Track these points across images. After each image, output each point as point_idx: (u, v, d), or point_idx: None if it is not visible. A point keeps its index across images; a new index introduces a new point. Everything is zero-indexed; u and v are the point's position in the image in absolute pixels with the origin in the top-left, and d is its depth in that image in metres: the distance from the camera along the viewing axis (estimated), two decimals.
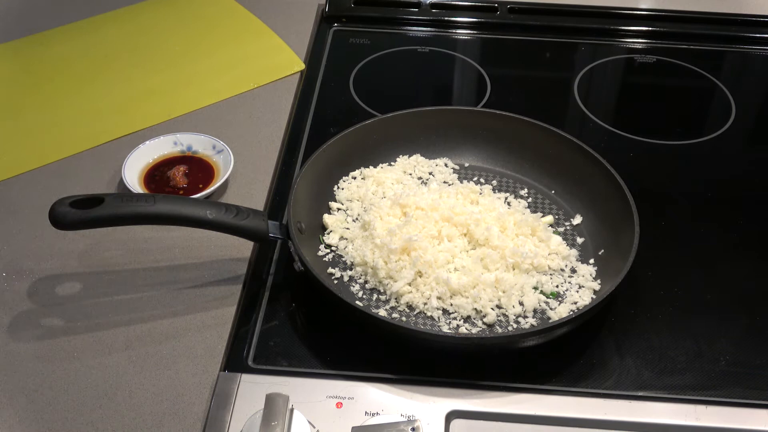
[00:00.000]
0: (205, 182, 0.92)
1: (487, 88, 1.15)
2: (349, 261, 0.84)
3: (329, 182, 0.92)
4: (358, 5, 1.31)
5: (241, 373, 0.71)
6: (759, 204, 0.97)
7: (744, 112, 1.13)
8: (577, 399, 0.71)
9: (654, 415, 0.70)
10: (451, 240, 0.83)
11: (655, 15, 1.30)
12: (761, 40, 1.27)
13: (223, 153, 0.94)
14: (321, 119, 1.08)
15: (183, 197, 0.82)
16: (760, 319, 0.81)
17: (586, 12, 1.30)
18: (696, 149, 1.06)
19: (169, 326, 0.77)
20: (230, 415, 0.68)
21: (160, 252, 0.85)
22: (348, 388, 0.70)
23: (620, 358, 0.76)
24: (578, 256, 0.85)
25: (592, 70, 1.21)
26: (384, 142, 0.96)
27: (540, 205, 0.91)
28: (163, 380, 0.72)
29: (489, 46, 1.27)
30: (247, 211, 0.78)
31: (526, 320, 0.78)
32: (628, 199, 0.84)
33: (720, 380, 0.74)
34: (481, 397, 0.71)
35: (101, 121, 1.05)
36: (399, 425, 0.65)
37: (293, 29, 1.23)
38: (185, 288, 0.81)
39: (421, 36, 1.27)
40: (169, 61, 1.17)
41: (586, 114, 1.11)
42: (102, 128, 1.03)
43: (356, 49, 1.23)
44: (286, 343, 0.76)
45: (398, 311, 0.78)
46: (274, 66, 1.16)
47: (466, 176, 0.95)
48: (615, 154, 0.92)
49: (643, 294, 0.83)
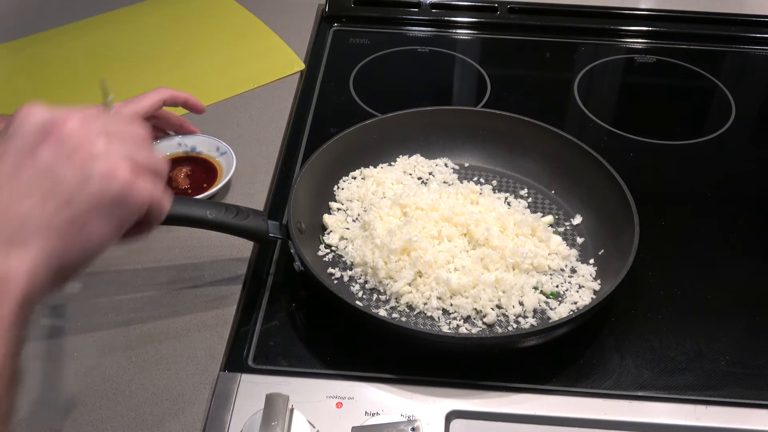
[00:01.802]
0: (209, 182, 0.92)
1: (487, 88, 1.15)
2: (349, 261, 0.84)
3: (329, 182, 0.92)
4: (358, 5, 1.31)
5: (241, 373, 0.71)
6: (759, 204, 0.97)
7: (744, 112, 1.13)
8: (577, 399, 0.71)
9: (654, 415, 0.70)
10: (451, 240, 0.83)
11: (655, 15, 1.31)
12: (761, 40, 1.27)
13: (226, 155, 0.94)
14: (321, 119, 1.08)
15: (183, 197, 0.82)
16: (760, 319, 0.81)
17: (586, 12, 1.30)
18: (696, 149, 1.06)
19: (169, 326, 0.77)
20: (230, 415, 0.68)
21: (160, 252, 0.85)
22: (348, 388, 0.70)
23: (620, 358, 0.76)
24: (578, 256, 0.85)
25: (592, 70, 1.21)
26: (384, 142, 0.96)
27: (540, 205, 0.91)
28: (163, 380, 0.72)
29: (489, 46, 1.27)
30: (247, 211, 0.78)
31: (526, 320, 0.78)
32: (628, 199, 0.84)
33: (720, 380, 0.74)
34: (481, 397, 0.71)
35: None
36: (399, 425, 0.65)
37: (293, 29, 1.23)
38: (185, 288, 0.81)
39: (421, 36, 1.27)
40: (169, 61, 1.17)
41: (586, 114, 1.11)
42: None
43: (356, 49, 1.23)
44: (286, 343, 0.76)
45: (398, 311, 0.78)
46: (274, 66, 1.16)
47: (466, 176, 0.95)
48: (615, 154, 0.92)
49: (643, 294, 0.83)
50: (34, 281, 0.49)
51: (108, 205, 0.52)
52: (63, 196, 0.50)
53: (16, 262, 0.48)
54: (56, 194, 0.50)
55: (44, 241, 0.49)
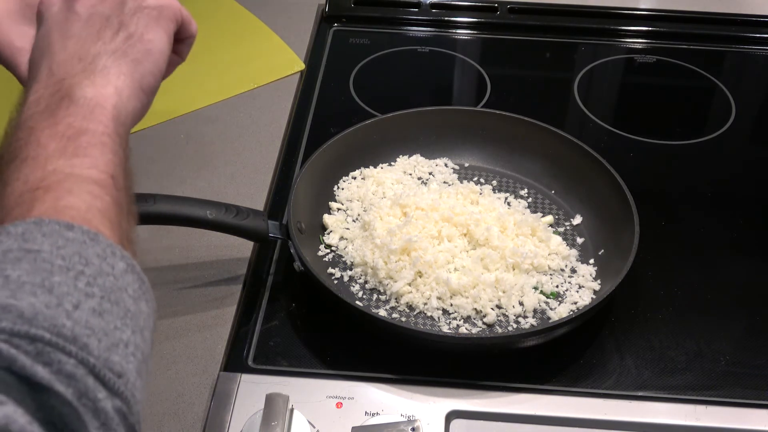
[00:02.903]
0: None
1: (487, 88, 1.15)
2: (349, 261, 0.84)
3: (329, 182, 0.92)
4: (358, 5, 1.30)
5: (241, 373, 0.71)
6: (759, 204, 0.97)
7: (744, 112, 1.13)
8: (577, 399, 0.71)
9: (654, 415, 0.70)
10: (451, 240, 0.83)
11: (655, 15, 1.30)
12: (761, 40, 1.27)
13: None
14: (321, 119, 1.07)
15: (183, 197, 0.82)
16: (760, 319, 0.81)
17: (586, 12, 1.30)
18: (696, 149, 1.06)
19: (169, 326, 0.77)
20: (230, 415, 0.68)
21: (160, 252, 0.85)
22: (348, 388, 0.70)
23: (620, 358, 0.76)
24: (578, 256, 0.85)
25: (592, 70, 1.21)
26: (384, 142, 0.96)
27: (540, 205, 0.91)
28: (163, 380, 0.72)
29: (489, 46, 1.27)
30: (247, 211, 0.78)
31: (526, 320, 0.78)
32: (628, 199, 0.84)
33: (720, 380, 0.75)
34: (481, 397, 0.71)
35: None
36: (399, 425, 0.65)
37: (293, 29, 1.23)
38: (185, 288, 0.81)
39: (421, 36, 1.27)
40: None
41: (586, 114, 1.11)
42: None
43: (356, 49, 1.23)
44: (286, 343, 0.76)
45: (398, 311, 0.78)
46: (274, 66, 1.16)
47: (466, 176, 0.95)
48: (615, 154, 0.92)
49: (643, 294, 0.83)
50: (122, 96, 0.55)
51: (150, 14, 0.60)
52: (115, 24, 0.58)
53: (101, 84, 0.55)
54: (108, 26, 0.58)
55: (117, 63, 0.57)
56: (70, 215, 0.45)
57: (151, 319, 0.47)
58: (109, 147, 0.51)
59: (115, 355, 0.40)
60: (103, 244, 0.45)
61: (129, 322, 0.43)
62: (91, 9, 0.58)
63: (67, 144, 0.50)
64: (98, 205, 0.48)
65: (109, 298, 0.42)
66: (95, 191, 0.48)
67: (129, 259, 0.46)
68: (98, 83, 0.55)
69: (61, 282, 0.41)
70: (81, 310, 0.40)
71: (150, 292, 0.47)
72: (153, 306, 0.47)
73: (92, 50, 0.57)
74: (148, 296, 0.47)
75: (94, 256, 0.43)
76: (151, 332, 0.46)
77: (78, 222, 0.45)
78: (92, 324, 0.40)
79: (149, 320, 0.46)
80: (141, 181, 0.92)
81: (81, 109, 0.52)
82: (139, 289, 0.46)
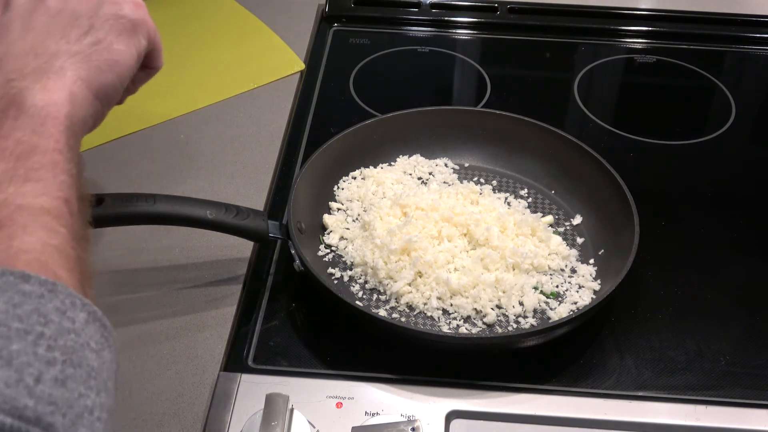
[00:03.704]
0: None
1: (487, 88, 1.15)
2: (349, 261, 0.84)
3: (329, 182, 0.92)
4: (358, 5, 1.31)
5: (241, 373, 0.71)
6: (759, 204, 0.97)
7: (744, 112, 1.13)
8: (577, 399, 0.71)
9: (654, 415, 0.70)
10: (451, 240, 0.83)
11: (655, 15, 1.30)
12: (761, 40, 1.27)
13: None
14: (321, 119, 1.07)
15: (183, 197, 0.82)
16: (760, 319, 0.81)
17: (586, 12, 1.30)
18: (696, 149, 1.06)
19: (169, 326, 0.77)
20: (230, 415, 0.67)
21: (160, 252, 0.85)
22: (348, 388, 0.70)
23: (620, 358, 0.76)
24: (578, 256, 0.85)
25: (592, 70, 1.21)
26: (384, 142, 0.96)
27: (540, 205, 0.91)
28: (163, 380, 0.72)
29: (489, 46, 1.27)
30: (247, 211, 0.78)
31: (526, 320, 0.78)
32: (628, 199, 0.84)
33: (720, 380, 0.75)
34: (481, 397, 0.71)
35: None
36: (399, 425, 0.65)
37: (293, 29, 1.23)
38: (185, 288, 0.81)
39: (421, 36, 1.27)
40: (168, 61, 1.16)
41: (586, 114, 1.11)
42: (101, 129, 1.02)
43: (356, 49, 1.23)
44: (286, 343, 0.76)
45: (398, 311, 0.78)
46: (274, 66, 1.16)
47: (466, 176, 0.95)
48: (615, 154, 0.92)
49: (643, 294, 0.83)
50: (75, 104, 0.52)
51: (125, 25, 0.57)
52: (84, 25, 0.55)
53: (54, 89, 0.51)
54: (77, 25, 0.54)
55: (76, 66, 0.53)
56: (25, 260, 0.42)
57: (114, 362, 0.44)
58: (61, 166, 0.48)
59: (81, 428, 0.38)
60: (62, 295, 0.41)
61: (93, 384, 0.40)
62: (63, 4, 0.55)
63: (17, 165, 0.46)
64: (54, 243, 0.44)
65: (71, 362, 0.39)
66: (49, 224, 0.45)
67: (89, 306, 0.43)
68: (50, 87, 0.51)
69: (20, 350, 0.37)
70: (43, 384, 0.37)
71: (112, 335, 0.44)
72: (115, 346, 0.44)
73: (52, 47, 0.53)
74: (110, 341, 0.44)
75: (53, 311, 0.40)
76: (114, 379, 0.43)
77: (34, 268, 0.42)
78: (55, 397, 0.37)
79: (112, 366, 0.43)
80: (141, 181, 0.93)
81: (31, 121, 0.49)
82: (102, 337, 0.43)
